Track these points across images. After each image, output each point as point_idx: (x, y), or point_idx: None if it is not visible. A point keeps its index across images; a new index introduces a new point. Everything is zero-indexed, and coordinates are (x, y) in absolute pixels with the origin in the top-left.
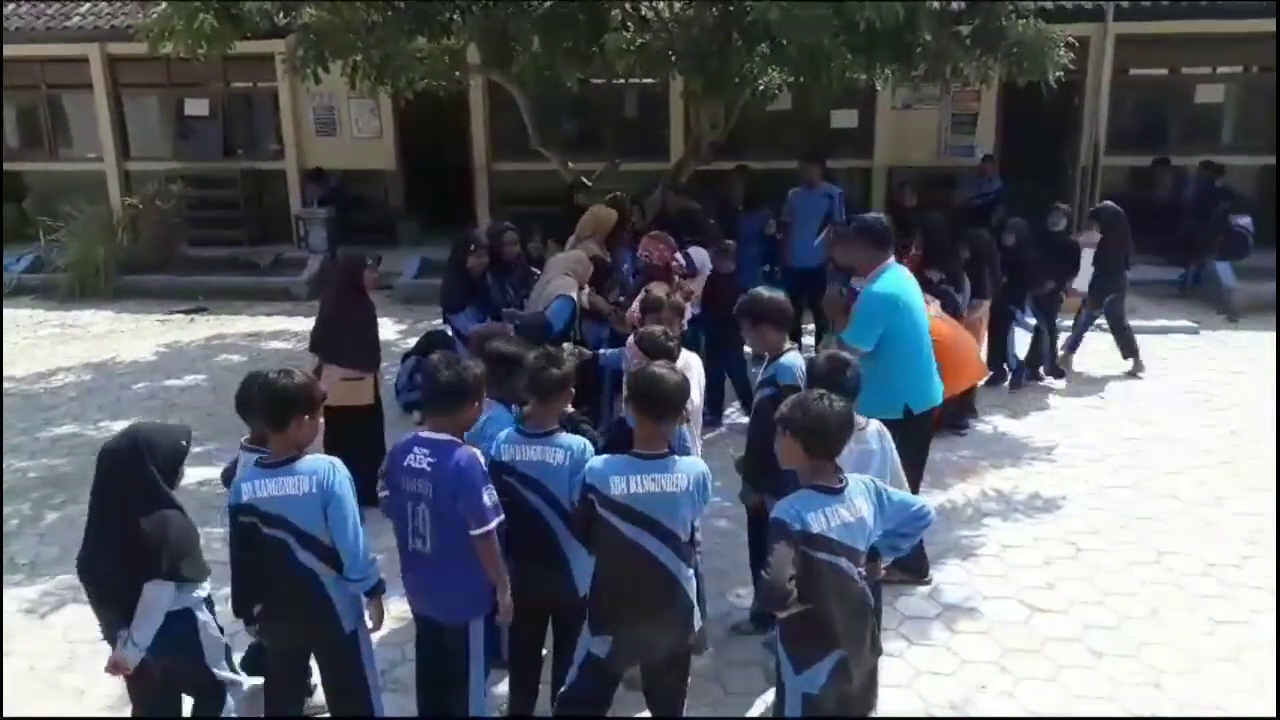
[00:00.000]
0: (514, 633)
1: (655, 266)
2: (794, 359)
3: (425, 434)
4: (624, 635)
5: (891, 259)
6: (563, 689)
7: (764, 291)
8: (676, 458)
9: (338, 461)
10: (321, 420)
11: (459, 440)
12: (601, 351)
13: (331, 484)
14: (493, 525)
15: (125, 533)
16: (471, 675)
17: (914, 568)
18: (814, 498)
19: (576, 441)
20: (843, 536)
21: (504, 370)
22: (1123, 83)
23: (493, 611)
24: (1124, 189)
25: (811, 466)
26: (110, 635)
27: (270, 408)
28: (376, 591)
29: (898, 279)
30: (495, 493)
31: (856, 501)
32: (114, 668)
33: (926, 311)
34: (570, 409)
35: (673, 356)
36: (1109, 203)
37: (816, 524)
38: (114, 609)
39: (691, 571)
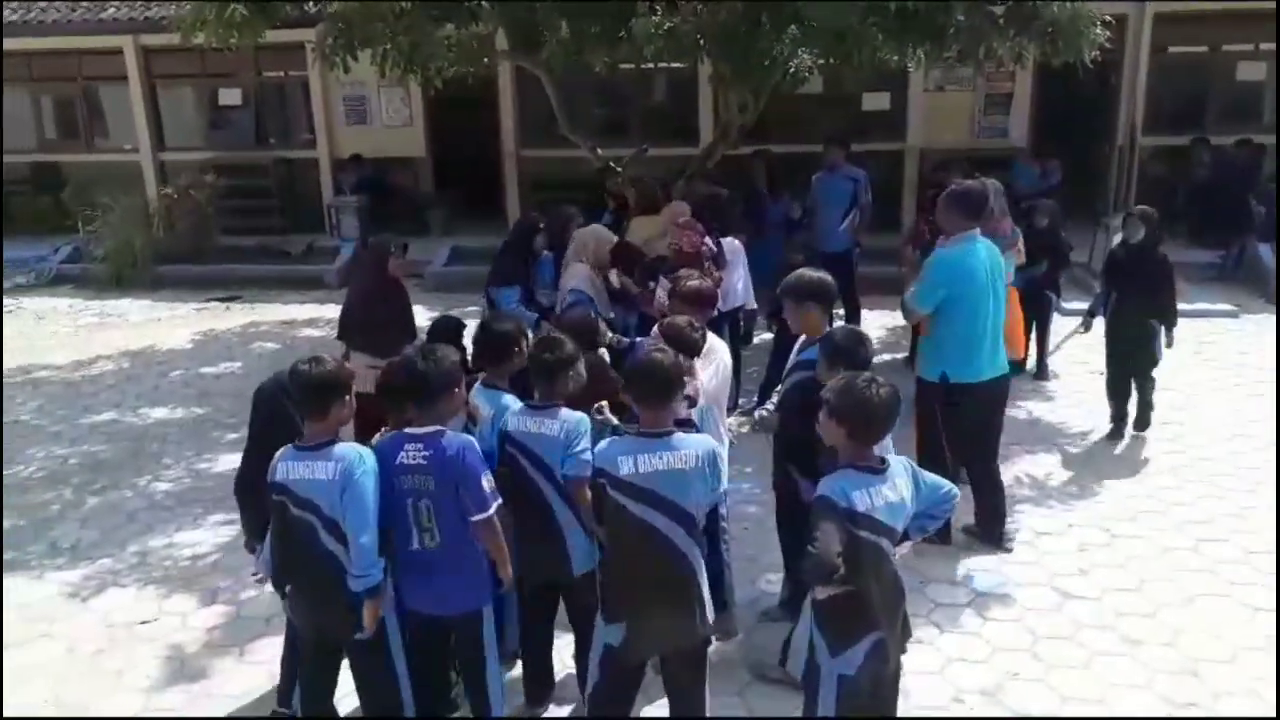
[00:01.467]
0: (523, 616)
1: (685, 253)
2: None
3: (411, 430)
4: (637, 621)
5: (977, 230)
6: (589, 689)
7: (808, 271)
8: (683, 435)
9: (368, 452)
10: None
11: (445, 429)
12: (638, 340)
13: (353, 472)
14: (492, 510)
15: (260, 464)
16: (488, 663)
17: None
18: (858, 477)
19: (574, 415)
20: (885, 517)
21: (504, 351)
22: (1161, 61)
23: (498, 590)
24: (1162, 169)
25: (853, 447)
26: (250, 546)
27: (309, 396)
28: (375, 594)
29: (972, 249)
30: (493, 477)
31: (898, 482)
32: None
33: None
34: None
35: (697, 348)
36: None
37: (862, 503)
38: (252, 526)
39: (702, 555)
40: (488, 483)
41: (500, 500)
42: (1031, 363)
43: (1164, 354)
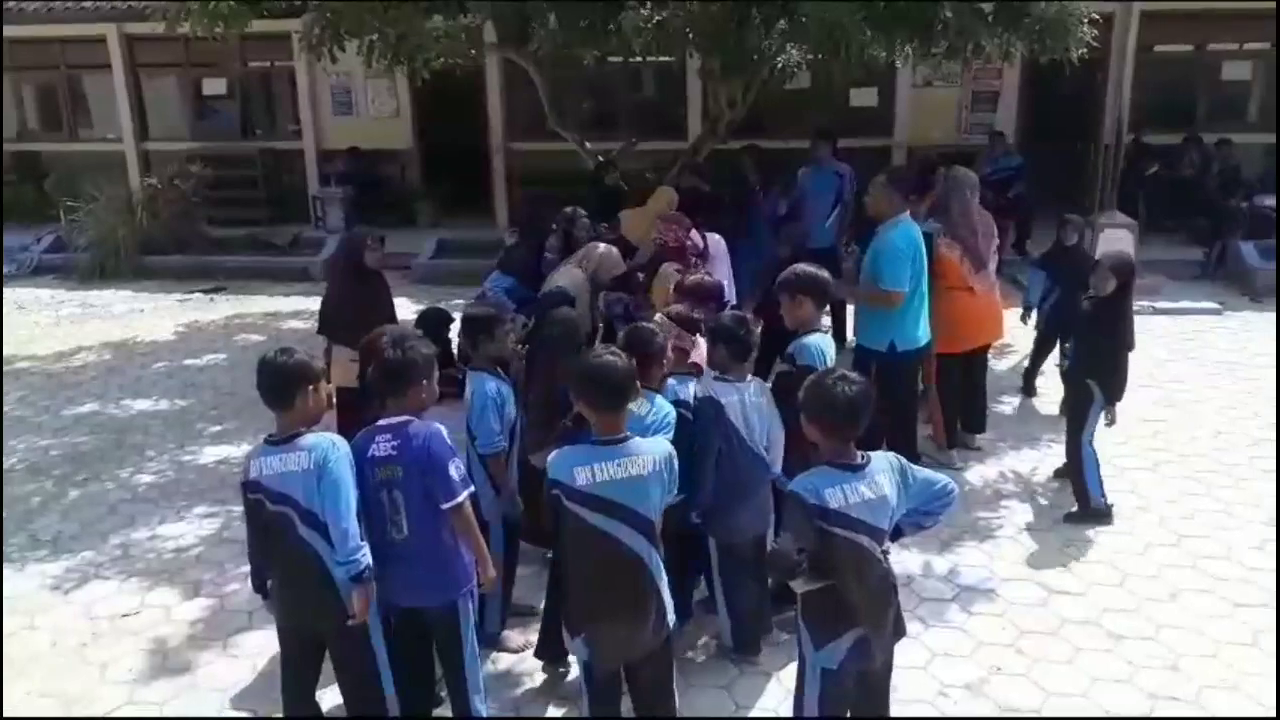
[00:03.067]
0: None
1: (670, 248)
2: (817, 340)
3: (383, 421)
4: (600, 634)
5: (908, 212)
6: (583, 706)
7: (803, 266)
8: (638, 439)
9: (340, 440)
10: (332, 395)
11: (416, 418)
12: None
13: (327, 459)
14: (463, 497)
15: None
16: (466, 655)
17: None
18: (833, 474)
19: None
20: (863, 514)
21: (479, 336)
22: (1147, 59)
23: (478, 585)
24: (1149, 167)
25: (831, 445)
26: None
27: (273, 386)
28: (363, 579)
29: (914, 230)
30: (463, 465)
31: (879, 479)
32: None
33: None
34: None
35: (699, 327)
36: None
37: (834, 500)
38: None
39: (660, 559)
40: (456, 470)
41: (472, 488)
42: (1008, 366)
43: (1096, 429)
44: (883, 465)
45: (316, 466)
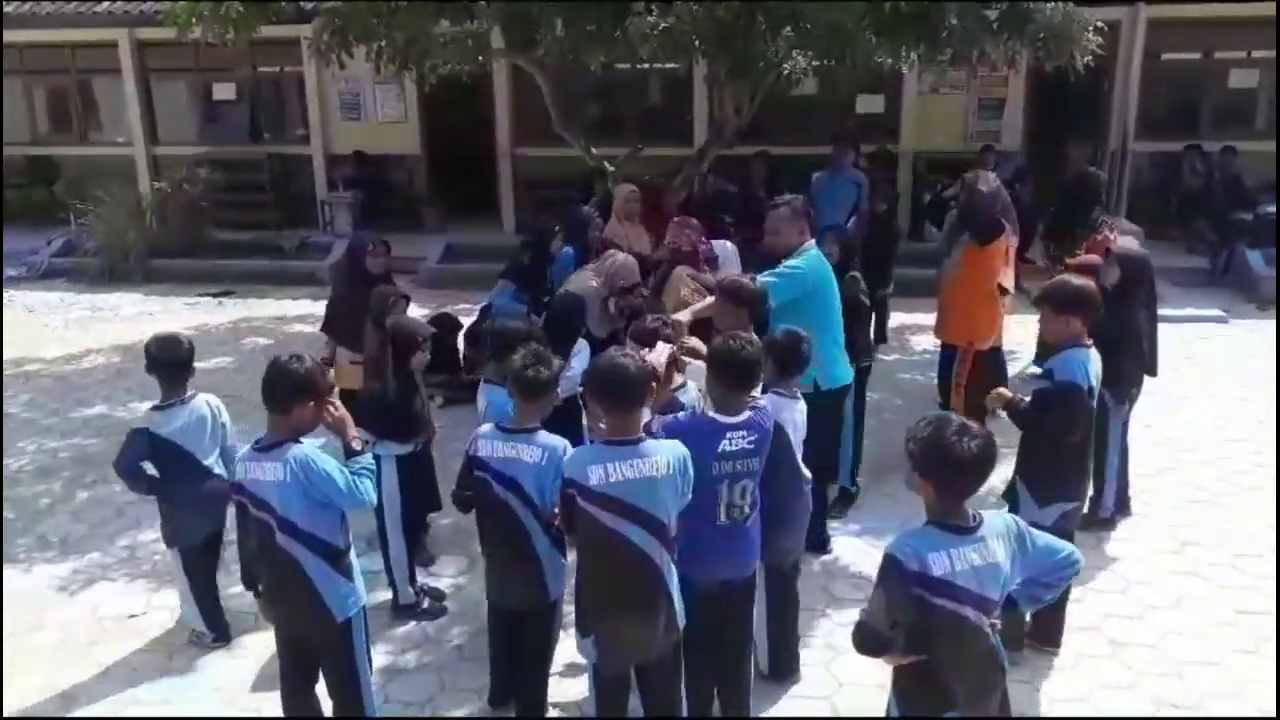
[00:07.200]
0: (491, 633)
1: (682, 252)
2: (1083, 356)
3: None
4: (608, 633)
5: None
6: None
7: (1072, 280)
8: (654, 441)
9: (313, 448)
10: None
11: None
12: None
13: (309, 467)
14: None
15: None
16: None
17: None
18: (939, 536)
19: (557, 442)
20: (970, 583)
21: (505, 352)
22: (1154, 67)
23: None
24: (1153, 175)
25: (941, 504)
26: None
27: (275, 390)
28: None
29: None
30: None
31: (991, 544)
32: None
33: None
34: None
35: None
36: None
37: (938, 566)
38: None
39: (673, 562)
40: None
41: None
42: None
43: (1117, 441)
44: (999, 528)
45: (296, 479)
